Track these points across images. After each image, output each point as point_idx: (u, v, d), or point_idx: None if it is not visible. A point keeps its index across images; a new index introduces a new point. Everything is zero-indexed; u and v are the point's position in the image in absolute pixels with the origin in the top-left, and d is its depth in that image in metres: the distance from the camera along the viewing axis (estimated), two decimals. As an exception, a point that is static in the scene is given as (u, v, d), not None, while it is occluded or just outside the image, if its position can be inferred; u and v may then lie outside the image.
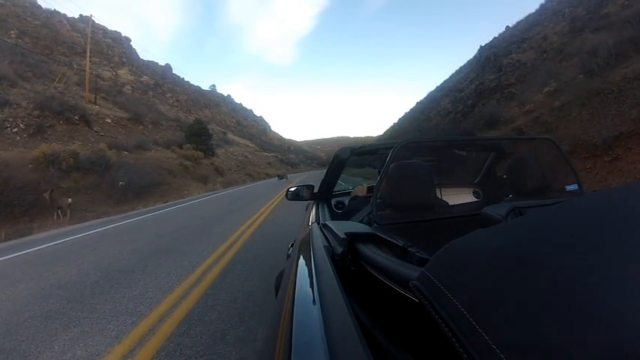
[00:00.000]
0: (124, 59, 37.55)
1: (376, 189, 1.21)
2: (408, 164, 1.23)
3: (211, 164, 22.08)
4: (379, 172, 1.30)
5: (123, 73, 34.14)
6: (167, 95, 40.26)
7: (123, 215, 7.81)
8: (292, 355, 0.41)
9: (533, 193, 1.30)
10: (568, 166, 1.35)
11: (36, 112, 14.13)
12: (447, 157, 1.87)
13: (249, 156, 38.73)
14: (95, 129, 16.66)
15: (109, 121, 18.29)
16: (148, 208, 8.95)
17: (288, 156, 68.25)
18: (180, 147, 20.46)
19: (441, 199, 1.32)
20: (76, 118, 15.67)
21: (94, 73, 25.51)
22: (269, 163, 44.56)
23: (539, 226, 0.33)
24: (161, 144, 20.20)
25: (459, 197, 1.85)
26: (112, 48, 36.71)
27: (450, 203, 1.48)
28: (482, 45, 30.27)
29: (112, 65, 33.03)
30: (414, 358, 0.43)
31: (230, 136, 43.24)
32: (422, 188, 1.21)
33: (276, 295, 1.24)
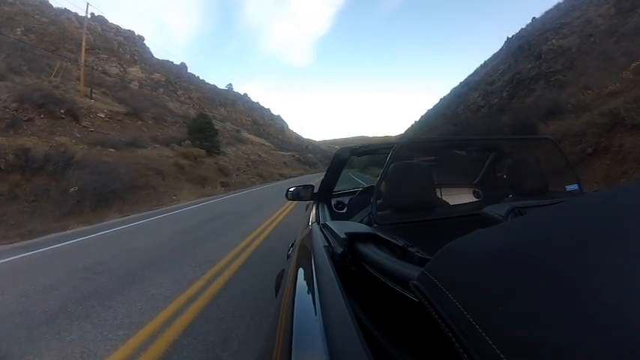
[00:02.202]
0: (135, 57, 36.81)
1: (376, 189, 1.24)
2: (408, 164, 1.25)
3: (215, 163, 20.08)
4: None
5: (134, 70, 33.24)
6: (178, 92, 39.20)
7: (36, 240, 5.39)
8: (292, 355, 0.41)
9: (533, 193, 1.31)
10: (568, 166, 1.39)
11: (14, 105, 12.65)
12: (447, 157, 1.91)
13: (264, 155, 36.81)
14: (84, 124, 15.07)
15: (102, 115, 16.74)
16: (90, 227, 6.41)
17: (305, 155, 65.96)
18: (180, 144, 18.64)
19: (442, 199, 1.39)
20: (62, 111, 14.08)
21: (99, 69, 24.41)
22: (285, 163, 42.48)
23: (539, 226, 0.33)
24: (160, 141, 18.48)
25: (459, 197, 1.89)
26: (123, 46, 36.04)
27: (451, 203, 1.54)
28: (510, 36, 29.52)
29: (121, 62, 32.13)
30: (414, 358, 0.43)
31: (244, 134, 41.57)
32: (422, 188, 1.22)
33: (276, 295, 1.21)
